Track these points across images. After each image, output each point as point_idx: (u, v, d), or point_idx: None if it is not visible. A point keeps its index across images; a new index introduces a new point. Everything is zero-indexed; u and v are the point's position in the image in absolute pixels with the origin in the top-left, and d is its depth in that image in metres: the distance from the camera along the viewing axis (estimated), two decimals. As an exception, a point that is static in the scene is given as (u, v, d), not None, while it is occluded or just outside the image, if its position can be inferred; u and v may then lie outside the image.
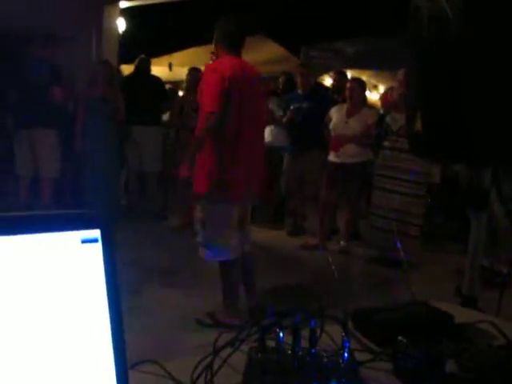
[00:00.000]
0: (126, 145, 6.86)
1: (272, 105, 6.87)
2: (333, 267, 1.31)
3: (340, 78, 7.09)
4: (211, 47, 3.81)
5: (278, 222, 7.07)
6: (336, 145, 5.82)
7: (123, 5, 8.22)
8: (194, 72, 6.65)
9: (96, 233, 0.73)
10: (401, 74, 5.40)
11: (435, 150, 1.87)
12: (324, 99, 6.47)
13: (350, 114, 5.80)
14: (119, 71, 7.80)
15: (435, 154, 2.05)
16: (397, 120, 5.35)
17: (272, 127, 6.88)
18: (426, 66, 1.69)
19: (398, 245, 3.67)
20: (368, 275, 5.27)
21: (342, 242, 5.95)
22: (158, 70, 10.02)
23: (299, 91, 6.42)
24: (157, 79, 7.40)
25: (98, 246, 0.73)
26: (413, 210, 5.38)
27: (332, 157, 5.92)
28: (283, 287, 4.63)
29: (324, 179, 6.02)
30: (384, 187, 5.51)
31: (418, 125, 1.82)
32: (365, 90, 6.48)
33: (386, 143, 5.55)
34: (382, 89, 10.33)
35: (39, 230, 0.70)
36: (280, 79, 7.39)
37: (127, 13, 8.72)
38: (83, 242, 0.72)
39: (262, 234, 6.56)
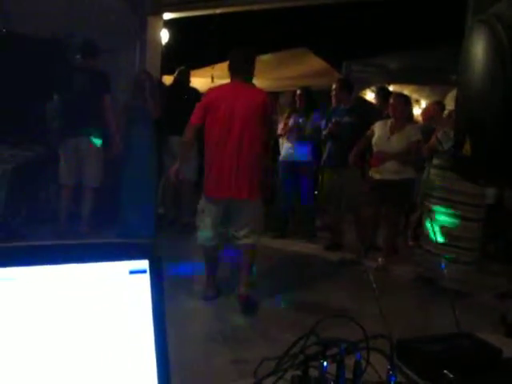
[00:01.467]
0: (163, 155, 6.92)
1: (296, 120, 6.87)
2: (373, 285, 1.28)
3: (380, 94, 7.01)
4: None
5: (313, 236, 7.03)
6: (377, 161, 5.75)
7: (167, 16, 8.32)
8: None
9: (144, 263, 0.72)
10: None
11: (485, 173, 1.82)
12: (368, 114, 6.41)
13: (393, 130, 5.71)
14: (161, 82, 7.89)
15: (485, 177, 2.00)
16: (450, 138, 5.03)
17: (291, 143, 6.91)
18: (478, 90, 1.66)
19: (443, 266, 3.58)
20: (409, 296, 5.15)
21: (380, 259, 5.85)
22: (201, 81, 10.11)
23: (342, 105, 6.40)
24: (194, 91, 7.45)
25: (146, 276, 0.72)
26: (467, 234, 5.09)
27: (373, 172, 5.84)
28: (320, 304, 4.57)
29: (364, 195, 5.94)
30: (442, 211, 5.19)
31: (467, 148, 1.78)
32: (409, 106, 6.39)
33: (435, 161, 5.34)
34: (423, 104, 10.21)
35: (88, 259, 0.69)
36: (298, 92, 7.09)
37: (171, 24, 8.83)
38: (131, 272, 0.71)
39: (297, 248, 6.53)
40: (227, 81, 4.66)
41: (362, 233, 6.00)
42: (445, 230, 5.10)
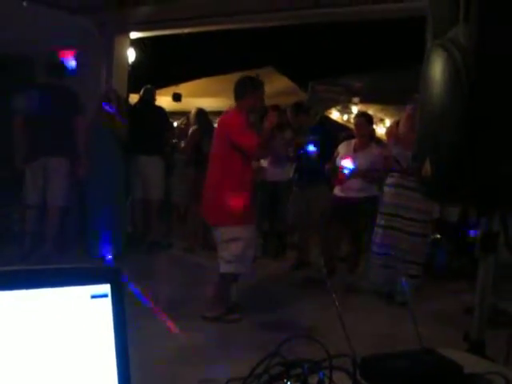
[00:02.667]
0: (131, 174, 6.89)
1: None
2: (336, 303, 1.29)
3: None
4: (218, 78, 4.64)
5: (280, 256, 7.05)
6: (342, 179, 5.82)
7: (134, 35, 8.33)
8: None
9: (106, 288, 0.72)
10: (408, 109, 5.40)
11: (445, 193, 1.87)
12: (333, 132, 6.50)
13: (357, 149, 5.81)
14: (127, 101, 7.87)
15: (445, 197, 2.05)
16: (406, 157, 5.18)
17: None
18: (438, 114, 1.71)
19: (404, 284, 3.63)
20: (372, 313, 5.18)
21: (346, 278, 5.90)
22: (166, 100, 10.11)
23: (305, 126, 6.48)
24: (160, 109, 7.46)
25: (108, 301, 0.72)
26: (418, 250, 5.26)
27: (337, 191, 5.91)
28: (286, 323, 4.58)
29: (329, 213, 6.00)
30: (392, 226, 5.31)
31: (427, 168, 1.83)
32: (372, 125, 6.50)
33: (390, 180, 5.40)
34: (388, 122, 10.39)
35: (50, 284, 0.69)
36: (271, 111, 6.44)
37: (137, 43, 8.83)
38: (93, 297, 0.72)
39: (263, 266, 6.53)
40: (194, 99, 4.72)
41: (327, 251, 6.04)
42: (400, 246, 5.22)
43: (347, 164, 5.71)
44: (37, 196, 5.88)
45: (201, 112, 7.37)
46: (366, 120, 6.00)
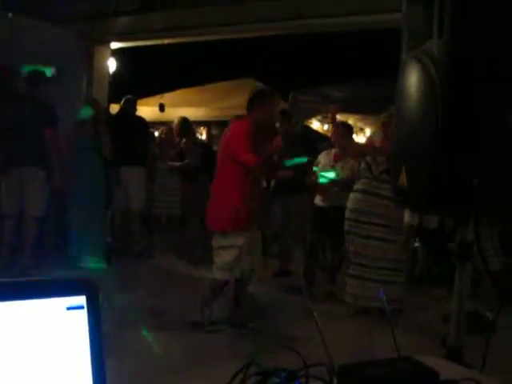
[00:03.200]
0: (112, 184, 6.87)
1: None
2: (315, 313, 1.29)
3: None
4: (199, 88, 4.60)
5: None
6: (322, 189, 5.85)
7: (114, 45, 8.33)
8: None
9: (81, 299, 0.73)
10: (383, 116, 5.34)
11: (420, 202, 1.90)
12: (314, 141, 6.54)
13: (337, 158, 5.85)
14: (107, 111, 7.85)
15: (420, 206, 2.08)
16: (378, 163, 5.11)
17: None
18: (411, 123, 1.74)
19: (382, 294, 3.62)
20: (351, 322, 5.19)
21: (327, 286, 5.92)
22: (148, 110, 10.11)
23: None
24: (141, 119, 7.45)
25: (84, 312, 0.73)
26: (387, 255, 5.09)
27: (318, 200, 5.94)
28: (266, 331, 4.57)
29: (310, 222, 6.02)
30: (352, 231, 5.19)
31: (403, 178, 1.86)
32: (351, 135, 6.55)
33: (359, 186, 5.26)
34: (368, 132, 10.48)
35: (25, 296, 0.69)
36: None
37: (118, 53, 8.83)
38: (68, 308, 0.72)
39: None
40: (177, 109, 4.73)
41: (309, 260, 6.05)
42: (368, 253, 5.12)
43: (327, 174, 5.75)
44: (13, 206, 5.84)
45: (185, 121, 7.41)
46: (345, 130, 6.04)
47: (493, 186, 1.56)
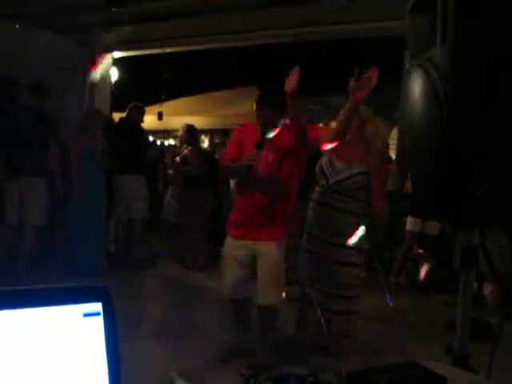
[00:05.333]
0: (114, 193, 6.88)
1: None
2: (314, 322, 1.28)
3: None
4: (200, 97, 4.19)
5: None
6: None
7: (116, 55, 8.36)
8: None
9: (98, 306, 0.74)
10: (355, 121, 4.04)
11: (424, 208, 1.91)
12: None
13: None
14: (110, 120, 7.85)
15: (425, 212, 2.09)
16: (337, 171, 4.06)
17: None
18: (418, 132, 1.75)
19: (389, 301, 3.55)
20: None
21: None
22: (148, 118, 10.13)
23: None
24: (139, 128, 7.43)
25: (100, 319, 0.74)
26: (343, 280, 3.94)
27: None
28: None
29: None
30: (309, 249, 4.12)
31: (408, 185, 1.87)
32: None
33: (314, 196, 4.15)
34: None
35: (43, 303, 0.70)
36: None
37: (120, 62, 8.85)
38: (85, 315, 0.73)
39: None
40: (177, 118, 4.59)
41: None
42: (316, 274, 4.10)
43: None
44: (15, 215, 5.87)
45: (192, 128, 7.48)
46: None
47: (498, 194, 1.56)
